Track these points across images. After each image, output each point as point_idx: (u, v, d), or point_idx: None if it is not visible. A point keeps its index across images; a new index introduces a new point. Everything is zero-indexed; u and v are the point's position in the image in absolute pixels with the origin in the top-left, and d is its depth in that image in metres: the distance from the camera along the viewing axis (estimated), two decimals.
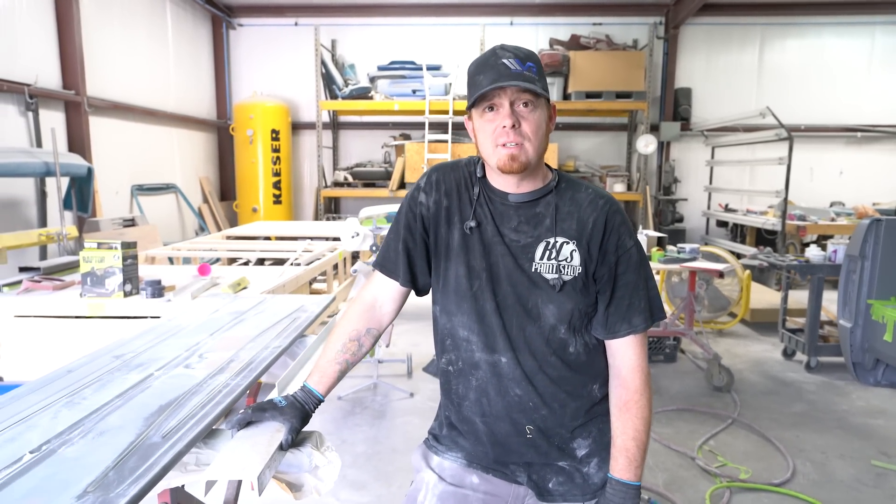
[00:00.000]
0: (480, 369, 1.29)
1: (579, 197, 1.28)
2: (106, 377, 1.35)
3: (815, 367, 4.59)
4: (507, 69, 1.18)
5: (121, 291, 2.65)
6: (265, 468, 1.06)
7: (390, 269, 1.36)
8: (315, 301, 2.21)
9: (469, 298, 1.28)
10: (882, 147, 9.07)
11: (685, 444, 3.37)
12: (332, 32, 9.10)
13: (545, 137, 1.24)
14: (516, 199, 1.28)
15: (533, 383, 1.26)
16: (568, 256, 1.24)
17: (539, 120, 1.21)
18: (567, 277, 1.24)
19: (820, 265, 4.52)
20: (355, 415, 3.72)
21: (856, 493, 2.90)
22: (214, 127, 9.13)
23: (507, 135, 1.19)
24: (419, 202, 1.34)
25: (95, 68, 6.10)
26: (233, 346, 1.65)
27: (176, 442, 1.04)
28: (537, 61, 1.22)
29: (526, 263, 1.25)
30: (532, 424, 1.28)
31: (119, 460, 0.96)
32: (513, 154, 1.19)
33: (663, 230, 8.55)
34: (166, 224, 7.45)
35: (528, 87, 1.17)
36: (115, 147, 6.50)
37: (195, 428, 1.11)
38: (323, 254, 4.29)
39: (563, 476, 1.32)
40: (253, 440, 1.13)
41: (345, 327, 1.36)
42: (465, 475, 1.35)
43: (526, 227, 1.27)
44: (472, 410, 1.32)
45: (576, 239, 1.25)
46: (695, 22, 8.88)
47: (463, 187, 1.32)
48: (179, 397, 1.25)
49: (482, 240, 1.27)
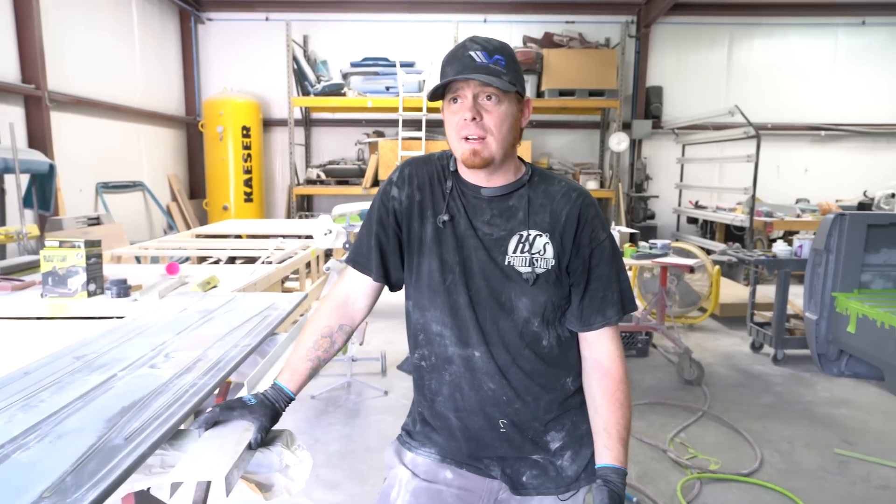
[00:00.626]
0: (454, 364, 1.28)
1: (552, 190, 1.27)
2: (66, 379, 1.31)
3: (782, 359, 4.70)
4: (472, 61, 1.17)
5: (84, 291, 2.57)
6: (233, 468, 1.03)
7: (363, 264, 1.35)
8: (286, 299, 2.17)
9: (442, 293, 1.27)
10: (845, 145, 9.31)
11: (657, 436, 3.42)
12: (303, 28, 9.00)
13: (511, 132, 1.21)
14: (489, 193, 1.26)
15: (506, 377, 1.26)
16: (541, 249, 1.24)
17: (504, 114, 1.18)
18: (540, 270, 1.24)
19: (786, 260, 4.62)
20: (329, 413, 3.69)
21: (820, 480, 2.97)
22: (183, 123, 8.96)
23: (468, 127, 1.18)
24: (391, 196, 1.32)
25: (57, 62, 5.92)
26: (201, 344, 1.61)
27: (139, 444, 1.01)
28: (508, 54, 1.20)
29: (499, 257, 1.24)
30: (506, 418, 1.28)
31: (78, 464, 0.93)
32: (474, 149, 1.18)
33: (635, 227, 8.66)
34: (133, 223, 7.28)
35: (485, 79, 1.14)
36: (78, 143, 6.32)
37: (160, 429, 1.08)
38: (295, 252, 4.24)
39: (537, 469, 1.31)
40: (220, 440, 1.10)
41: (317, 324, 1.34)
42: (439, 470, 1.34)
43: (499, 220, 1.26)
44: (446, 405, 1.31)
45: (549, 232, 1.24)
46: (666, 21, 9.00)
47: (436, 181, 1.30)
48: (144, 398, 1.21)
49: (455, 234, 1.26)
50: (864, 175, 9.06)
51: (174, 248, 4.61)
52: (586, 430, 1.31)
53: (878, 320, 2.22)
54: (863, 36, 9.12)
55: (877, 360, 2.29)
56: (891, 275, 2.54)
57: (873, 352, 2.29)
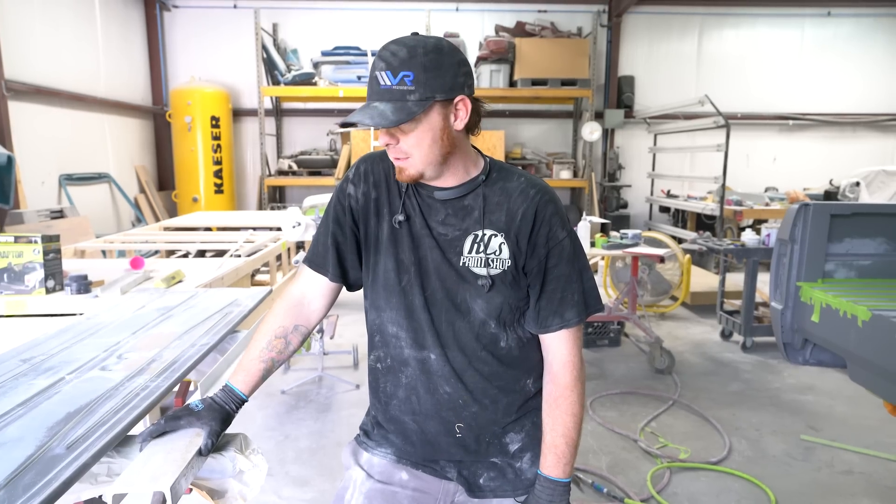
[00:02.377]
0: (409, 366, 1.25)
1: (510, 186, 1.22)
2: (9, 384, 1.25)
3: (751, 347, 4.78)
4: (377, 85, 1.10)
5: (42, 288, 2.49)
6: (180, 476, 0.99)
7: (319, 263, 1.31)
8: (250, 294, 2.12)
9: (398, 293, 1.23)
10: (812, 134, 9.48)
11: (628, 426, 3.45)
12: (273, 16, 8.82)
13: (436, 145, 1.13)
14: (442, 196, 1.22)
15: (462, 380, 1.23)
16: (496, 249, 1.20)
17: (421, 133, 1.11)
18: (495, 271, 1.20)
19: (755, 249, 4.69)
20: (299, 409, 3.64)
21: (786, 467, 3.02)
22: (150, 113, 8.74)
23: (389, 150, 1.16)
24: (348, 194, 1.28)
25: (14, 50, 5.71)
26: (157, 344, 1.56)
27: (81, 453, 0.97)
28: (419, 63, 1.08)
29: (454, 257, 1.21)
30: (462, 422, 1.25)
31: (12, 477, 0.88)
32: (399, 167, 1.16)
33: (608, 216, 8.72)
34: (100, 215, 7.09)
35: (370, 123, 1.07)
36: (39, 134, 6.12)
37: (105, 436, 1.03)
38: (265, 244, 4.16)
39: (495, 471, 1.29)
40: (169, 446, 1.06)
41: (271, 324, 1.30)
42: (395, 471, 1.31)
43: (454, 219, 1.22)
44: (402, 409, 1.28)
45: (504, 231, 1.20)
46: (637, 11, 9.03)
47: (392, 178, 1.25)
48: (90, 403, 1.16)
49: (411, 233, 1.23)
50: (830, 164, 9.24)
51: (141, 241, 4.50)
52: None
53: (841, 309, 2.25)
54: (828, 27, 9.27)
55: (839, 349, 2.33)
56: (853, 264, 2.58)
57: (836, 340, 2.32)
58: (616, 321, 4.87)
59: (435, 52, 1.10)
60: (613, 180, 9.17)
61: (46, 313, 2.40)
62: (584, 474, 2.89)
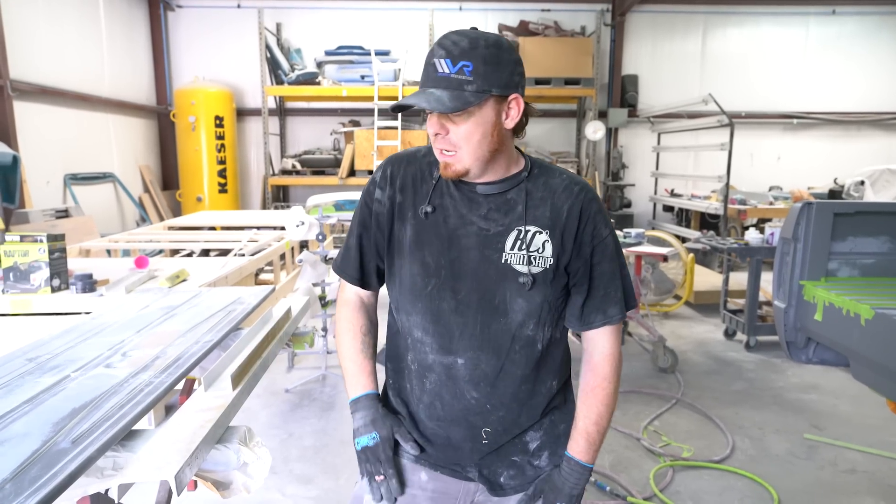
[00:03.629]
0: (434, 372, 1.23)
1: (553, 183, 1.21)
2: (15, 382, 1.26)
3: (755, 346, 4.77)
4: (434, 72, 1.09)
5: (48, 287, 2.51)
6: (185, 465, 1.00)
7: (349, 273, 1.33)
8: (253, 293, 2.13)
9: (424, 298, 1.20)
10: (816, 133, 9.45)
11: (631, 425, 3.45)
12: (276, 16, 8.85)
13: (486, 140, 1.12)
14: (485, 190, 1.19)
15: (493, 384, 1.21)
16: (540, 247, 1.17)
17: (473, 126, 1.10)
18: (537, 269, 1.17)
19: (758, 248, 4.68)
20: (303, 407, 3.65)
21: (789, 466, 3.02)
22: (154, 113, 8.78)
23: (437, 142, 1.14)
24: (375, 199, 1.26)
25: (19, 50, 5.75)
26: (161, 342, 1.57)
27: (86, 447, 0.97)
28: (479, 56, 1.07)
29: (495, 254, 1.17)
30: (490, 427, 1.24)
31: (19, 471, 0.89)
32: (445, 161, 1.14)
33: (612, 215, 8.71)
34: (104, 215, 7.13)
35: (431, 107, 1.07)
36: (44, 134, 6.16)
37: (109, 431, 1.04)
38: (269, 244, 4.18)
39: (515, 469, 1.29)
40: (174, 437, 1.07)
41: (350, 329, 1.33)
42: (413, 472, 1.30)
43: (496, 214, 1.19)
44: (427, 414, 1.27)
45: (549, 228, 1.18)
46: (640, 10, 9.02)
47: (419, 181, 1.23)
48: (95, 399, 1.17)
49: (445, 231, 1.19)
50: (835, 163, 9.22)
51: (146, 240, 4.52)
52: (564, 429, 1.30)
53: (844, 308, 2.25)
54: (833, 25, 9.24)
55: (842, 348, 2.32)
56: (857, 263, 2.57)
57: (839, 339, 2.32)
58: None
59: (495, 47, 1.09)
60: (617, 179, 9.16)
61: (52, 312, 2.42)
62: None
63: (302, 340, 3.31)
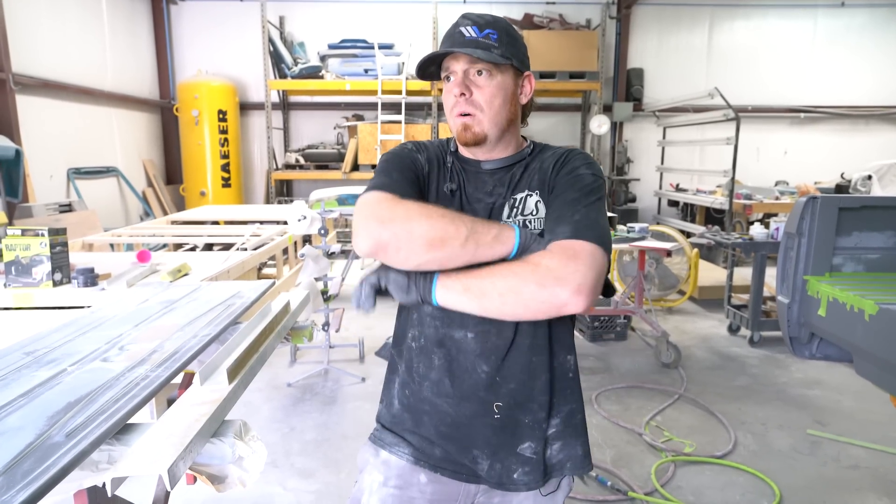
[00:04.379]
0: (444, 347, 1.23)
1: (547, 154, 1.27)
2: (11, 376, 1.26)
3: (758, 341, 4.75)
4: (461, 37, 1.17)
5: (49, 281, 2.51)
6: (178, 459, 1.00)
7: (398, 189, 1.17)
8: (252, 287, 2.12)
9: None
10: (824, 127, 9.38)
11: (633, 420, 3.44)
12: (279, 9, 8.82)
13: (506, 107, 1.20)
14: (489, 166, 1.26)
15: (503, 357, 1.21)
16: (533, 209, 1.21)
17: (495, 89, 1.17)
18: (534, 232, 1.18)
19: (763, 243, 4.65)
20: (305, 401, 3.66)
21: (792, 461, 3.00)
22: (157, 107, 8.78)
23: (459, 104, 1.17)
24: (416, 159, 1.26)
25: (21, 44, 5.75)
26: (159, 336, 1.56)
27: (80, 440, 0.97)
28: (502, 27, 1.19)
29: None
30: (501, 401, 1.22)
31: (11, 464, 0.89)
32: (465, 123, 1.18)
33: (617, 210, 8.68)
34: (108, 209, 7.14)
35: (468, 52, 1.14)
36: (47, 128, 6.17)
37: (104, 424, 1.03)
38: (272, 238, 4.18)
39: (530, 466, 1.24)
40: (169, 431, 1.07)
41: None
42: (412, 474, 1.28)
43: (500, 188, 1.25)
44: (435, 391, 1.24)
45: (539, 189, 1.22)
46: (646, 2, 8.96)
47: (434, 161, 1.29)
48: (91, 393, 1.17)
49: (458, 208, 1.23)
50: (842, 157, 9.15)
51: (149, 234, 4.53)
52: (581, 420, 1.28)
53: (848, 303, 2.22)
54: (842, 17, 9.15)
55: (846, 343, 2.30)
56: (861, 258, 2.55)
57: (843, 335, 2.30)
58: (623, 315, 4.86)
59: (512, 28, 1.22)
60: (622, 174, 9.12)
61: (53, 306, 2.42)
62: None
63: (301, 334, 3.29)
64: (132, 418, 1.15)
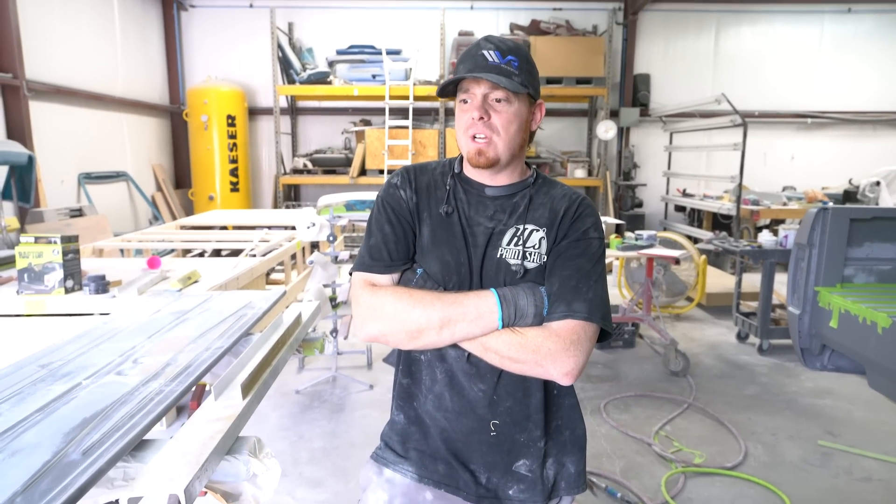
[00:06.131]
0: (445, 363, 1.26)
1: (554, 192, 1.29)
2: (27, 389, 1.27)
3: (768, 349, 4.72)
4: (484, 60, 1.18)
5: (61, 288, 2.53)
6: (194, 479, 1.00)
7: (383, 261, 1.28)
8: (264, 297, 2.13)
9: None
10: (831, 133, 9.33)
11: (642, 430, 3.42)
12: (288, 15, 8.86)
13: (520, 133, 1.23)
14: (492, 193, 1.28)
15: (499, 375, 1.24)
16: (536, 244, 1.23)
17: (512, 115, 1.20)
18: (532, 264, 1.22)
19: (771, 250, 4.63)
20: (313, 409, 3.66)
21: (803, 473, 2.98)
22: (167, 112, 8.83)
23: (475, 126, 1.20)
24: (399, 198, 1.31)
25: (35, 50, 5.80)
26: (172, 348, 1.57)
27: (97, 458, 0.97)
28: (522, 56, 1.21)
29: (494, 251, 1.24)
30: (497, 419, 1.25)
31: (29, 483, 0.89)
32: (480, 148, 1.20)
33: (623, 215, 8.66)
34: (118, 214, 7.18)
35: (494, 79, 1.16)
36: (59, 133, 6.21)
37: (119, 441, 1.04)
38: (280, 244, 4.19)
39: (525, 483, 1.28)
40: (184, 448, 1.07)
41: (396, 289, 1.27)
42: (417, 493, 1.30)
43: (501, 215, 1.26)
44: (436, 405, 1.28)
45: (546, 227, 1.24)
46: (653, 8, 8.95)
47: (433, 187, 1.31)
48: (106, 408, 1.17)
49: (458, 230, 1.26)
50: (849, 162, 9.10)
51: (158, 240, 4.55)
52: (569, 436, 1.29)
53: (860, 315, 2.21)
54: (849, 23, 9.12)
55: (858, 356, 2.29)
56: (873, 269, 2.53)
57: (855, 347, 2.29)
58: (631, 322, 4.84)
59: (530, 56, 1.26)
60: (628, 179, 9.10)
61: (65, 313, 2.44)
62: (598, 478, 2.87)
63: (312, 346, 3.31)
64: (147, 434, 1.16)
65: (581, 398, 3.80)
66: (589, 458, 3.02)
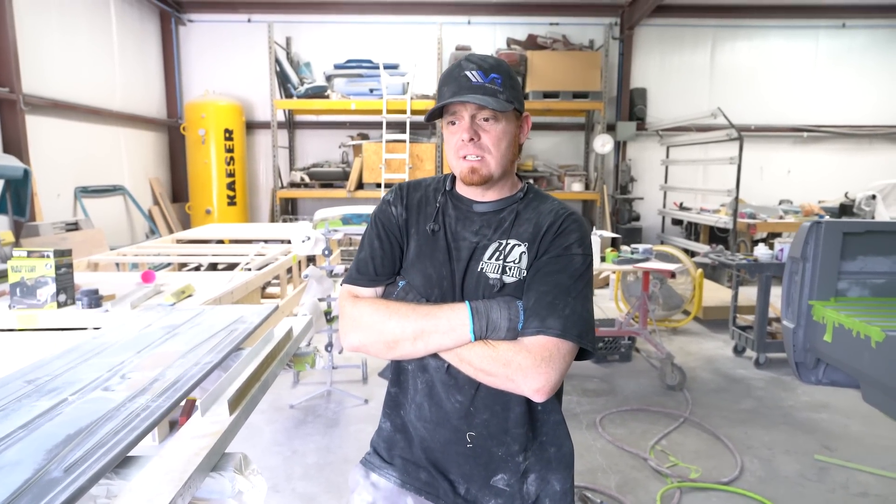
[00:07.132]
0: (427, 373, 1.28)
1: (543, 207, 1.29)
2: (12, 406, 1.26)
3: (764, 363, 4.71)
4: (468, 81, 1.20)
5: (54, 302, 2.52)
6: (176, 496, 0.99)
7: (368, 275, 1.34)
8: (256, 311, 2.12)
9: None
10: (827, 146, 9.38)
11: (638, 444, 3.40)
12: (286, 30, 8.93)
13: (510, 149, 1.24)
14: (481, 209, 1.30)
15: (476, 388, 1.24)
16: (516, 258, 1.23)
17: (501, 132, 1.22)
18: (511, 279, 1.22)
19: (768, 264, 4.63)
20: (307, 424, 3.63)
21: (800, 488, 2.96)
22: (164, 126, 8.85)
23: (466, 147, 1.21)
24: (390, 214, 1.35)
25: (32, 65, 5.82)
26: (161, 363, 1.56)
27: (78, 476, 0.96)
28: (505, 72, 1.22)
29: (475, 264, 1.25)
30: (474, 431, 1.26)
31: (8, 502, 0.88)
32: (473, 167, 1.22)
33: (620, 229, 8.67)
34: (114, 228, 7.18)
35: (479, 101, 1.17)
36: (56, 147, 6.22)
37: (103, 459, 1.03)
38: (276, 257, 4.18)
39: (503, 498, 1.28)
40: (168, 465, 1.06)
41: (375, 301, 1.32)
42: (399, 496, 1.32)
43: (486, 230, 1.28)
44: (417, 415, 1.31)
45: (528, 241, 1.24)
46: (649, 23, 9.02)
47: (424, 203, 1.34)
48: (91, 424, 1.16)
49: (443, 245, 1.28)
50: (845, 176, 9.14)
51: (154, 254, 4.54)
52: (554, 454, 1.29)
53: (854, 329, 2.21)
54: (843, 38, 9.20)
55: (852, 370, 2.28)
56: (867, 283, 2.53)
57: (849, 361, 2.28)
58: (627, 336, 4.83)
59: (512, 70, 1.26)
60: (625, 193, 9.13)
61: (57, 327, 2.43)
62: (593, 493, 2.85)
63: (303, 361, 3.30)
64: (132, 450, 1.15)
65: (577, 412, 3.78)
66: (584, 473, 3.00)
